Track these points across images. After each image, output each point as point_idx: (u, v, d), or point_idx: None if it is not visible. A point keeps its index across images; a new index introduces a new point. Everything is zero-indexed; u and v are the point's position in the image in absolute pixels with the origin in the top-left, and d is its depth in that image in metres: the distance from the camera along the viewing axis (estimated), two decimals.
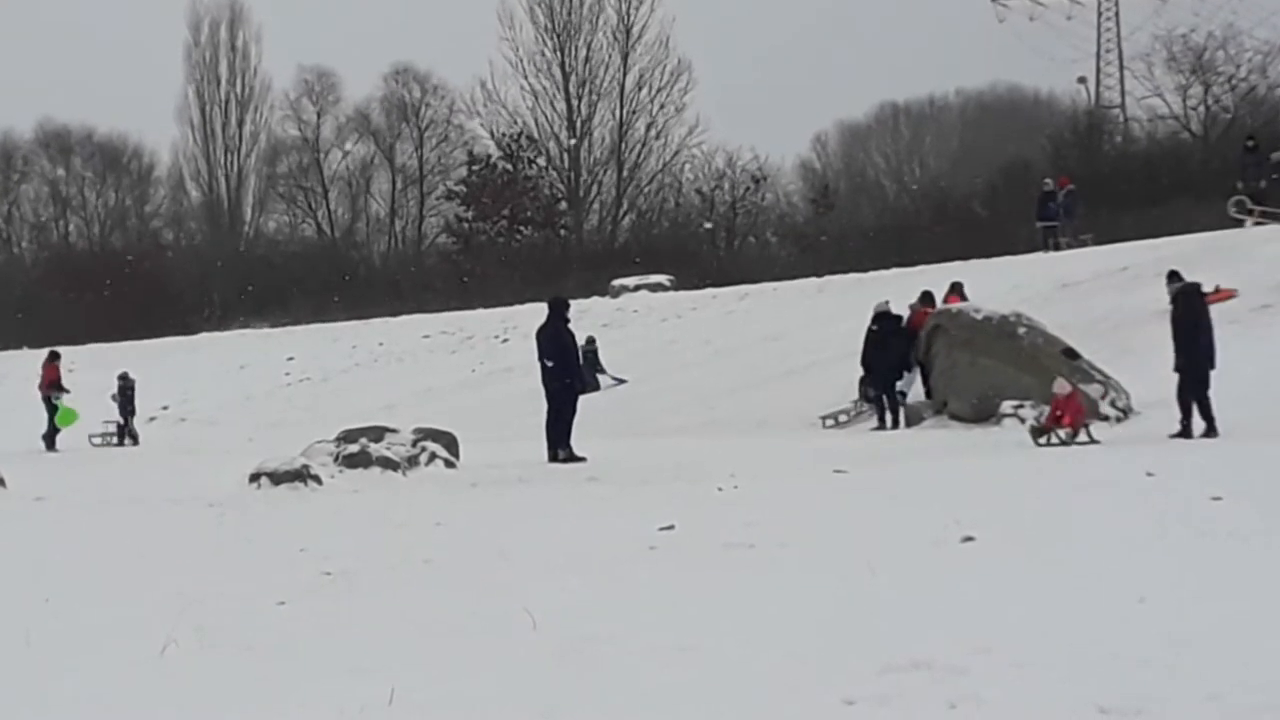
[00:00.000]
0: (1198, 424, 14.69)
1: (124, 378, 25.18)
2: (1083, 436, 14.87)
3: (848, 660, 5.05)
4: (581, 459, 15.18)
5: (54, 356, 25.12)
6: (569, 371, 16.08)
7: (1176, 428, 14.71)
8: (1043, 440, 14.80)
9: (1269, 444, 12.85)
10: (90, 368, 38.02)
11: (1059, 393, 15.32)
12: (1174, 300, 15.35)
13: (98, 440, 24.47)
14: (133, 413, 25.16)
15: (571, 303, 17.76)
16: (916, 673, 4.86)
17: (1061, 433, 14.88)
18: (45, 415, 24.12)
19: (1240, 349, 18.02)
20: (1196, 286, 15.71)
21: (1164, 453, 12.09)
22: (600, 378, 26.98)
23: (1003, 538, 7.71)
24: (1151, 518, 8.22)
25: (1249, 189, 28.75)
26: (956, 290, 20.89)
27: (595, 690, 4.85)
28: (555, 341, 16.11)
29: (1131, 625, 5.45)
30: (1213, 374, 14.81)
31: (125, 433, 24.84)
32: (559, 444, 15.54)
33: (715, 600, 6.29)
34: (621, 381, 26.96)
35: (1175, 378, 14.90)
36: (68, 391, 24.33)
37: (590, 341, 27.67)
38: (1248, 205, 28.18)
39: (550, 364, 16.00)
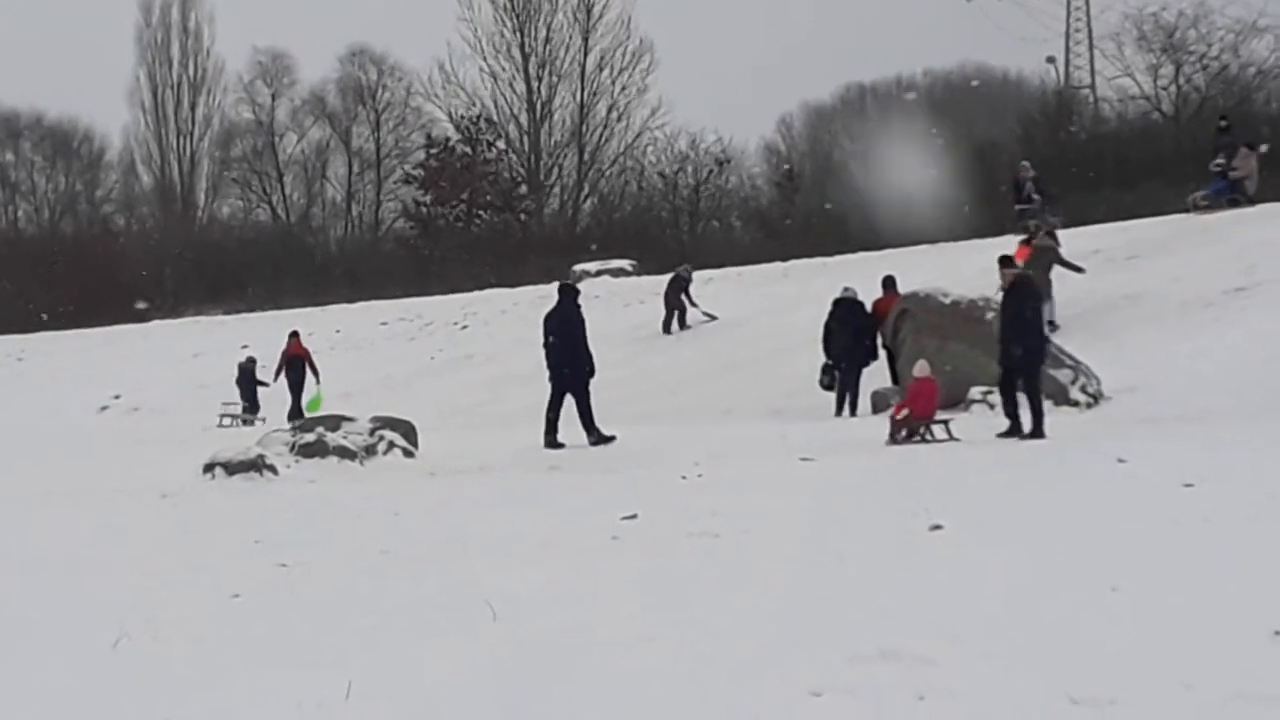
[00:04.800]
0: (1026, 419, 13.40)
1: (249, 361, 27.25)
2: (941, 433, 13.45)
3: (814, 650, 4.98)
4: (611, 438, 15.40)
5: (295, 335, 26.85)
6: (578, 355, 16.08)
7: (1006, 425, 13.49)
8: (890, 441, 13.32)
9: (1241, 429, 12.82)
10: (39, 355, 37.68)
11: (919, 375, 14.01)
12: (1011, 288, 14.04)
13: (228, 422, 25.16)
14: (255, 395, 26.59)
15: (544, 287, 17.75)
16: (885, 663, 4.79)
17: (909, 429, 13.35)
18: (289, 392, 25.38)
19: (1213, 333, 18.08)
20: (1028, 275, 15.01)
21: (1135, 439, 12.04)
22: (692, 311, 27.79)
23: (972, 526, 7.65)
24: (1123, 505, 8.17)
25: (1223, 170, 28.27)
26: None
27: (557, 682, 4.77)
28: (565, 325, 16.15)
29: (1104, 614, 5.39)
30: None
31: (248, 412, 26.10)
32: (587, 430, 15.65)
33: (679, 590, 6.20)
34: (713, 318, 27.42)
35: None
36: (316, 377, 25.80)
37: (687, 271, 28.78)
38: (1199, 202, 27.65)
39: (558, 346, 16.05)
